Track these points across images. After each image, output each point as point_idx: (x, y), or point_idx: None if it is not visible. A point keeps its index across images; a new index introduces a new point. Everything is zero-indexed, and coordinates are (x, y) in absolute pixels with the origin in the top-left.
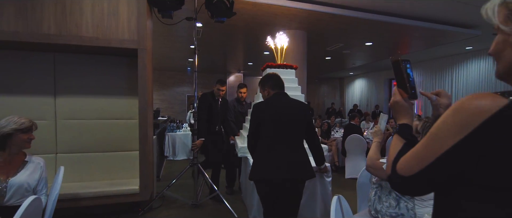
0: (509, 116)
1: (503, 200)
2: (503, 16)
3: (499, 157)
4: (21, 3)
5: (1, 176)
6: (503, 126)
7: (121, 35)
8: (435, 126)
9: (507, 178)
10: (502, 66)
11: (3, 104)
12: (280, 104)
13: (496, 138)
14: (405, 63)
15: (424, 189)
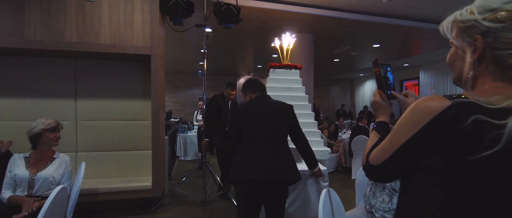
0: (450, 115)
1: (447, 185)
2: (455, 32)
3: (442, 149)
4: (46, 15)
5: (32, 169)
6: (445, 123)
7: (136, 42)
8: (397, 123)
9: (449, 167)
10: (455, 74)
11: (30, 107)
12: (260, 105)
13: (440, 132)
14: (385, 67)
15: (389, 176)
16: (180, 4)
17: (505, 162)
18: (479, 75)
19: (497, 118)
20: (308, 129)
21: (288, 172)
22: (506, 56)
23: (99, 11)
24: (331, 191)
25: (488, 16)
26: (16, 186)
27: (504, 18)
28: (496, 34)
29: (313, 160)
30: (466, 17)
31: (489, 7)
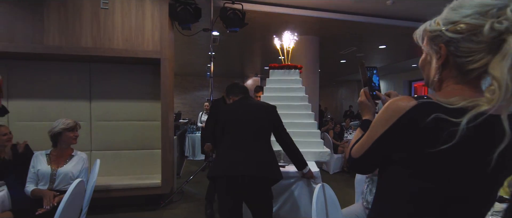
0: (415, 113)
1: (413, 171)
2: (425, 41)
3: (408, 142)
4: (63, 22)
5: (53, 165)
6: (410, 120)
7: (146, 47)
8: (373, 120)
9: (412, 158)
10: (425, 77)
11: (48, 107)
12: (243, 106)
13: (406, 128)
14: (371, 69)
15: (367, 168)
16: (188, 10)
17: (459, 154)
18: (444, 78)
19: (454, 116)
20: (307, 130)
21: (267, 170)
22: (465, 63)
23: (112, 18)
24: (326, 186)
25: (450, 28)
26: (39, 180)
27: (463, 30)
28: (457, 43)
29: (300, 161)
30: (433, 27)
31: (451, 19)
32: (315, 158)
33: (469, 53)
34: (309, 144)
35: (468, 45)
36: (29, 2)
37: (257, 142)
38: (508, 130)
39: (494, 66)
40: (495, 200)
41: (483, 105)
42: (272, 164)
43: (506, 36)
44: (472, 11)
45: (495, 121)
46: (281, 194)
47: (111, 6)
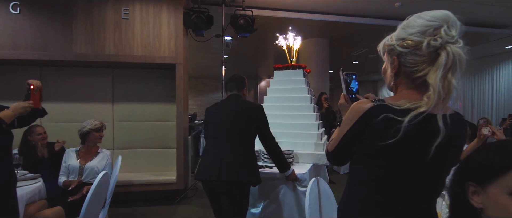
0: (370, 113)
1: (371, 161)
2: (386, 52)
3: (366, 137)
4: (89, 32)
5: (82, 161)
6: (367, 118)
7: (163, 53)
8: (343, 119)
9: (368, 150)
10: (386, 83)
11: (76, 109)
12: (227, 105)
13: (364, 125)
14: (350, 75)
15: (340, 159)
16: (201, 18)
17: (404, 147)
18: (398, 84)
19: (400, 116)
20: (308, 131)
21: (241, 174)
22: (412, 72)
23: (132, 27)
24: (320, 180)
25: (400, 43)
26: (69, 173)
27: (409, 46)
28: (405, 56)
29: (282, 163)
30: (389, 42)
31: (401, 36)
32: (313, 160)
33: (415, 64)
34: (308, 146)
35: (413, 58)
36: (60, 15)
37: (235, 144)
38: (442, 127)
39: (431, 75)
40: (443, 187)
41: (422, 107)
42: (248, 167)
43: (440, 51)
44: (415, 30)
45: (432, 119)
46: (267, 195)
47: (131, 16)
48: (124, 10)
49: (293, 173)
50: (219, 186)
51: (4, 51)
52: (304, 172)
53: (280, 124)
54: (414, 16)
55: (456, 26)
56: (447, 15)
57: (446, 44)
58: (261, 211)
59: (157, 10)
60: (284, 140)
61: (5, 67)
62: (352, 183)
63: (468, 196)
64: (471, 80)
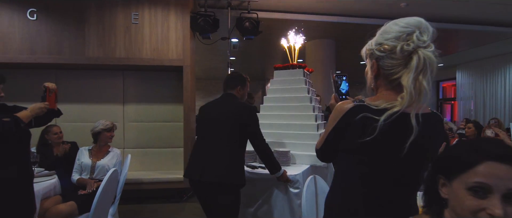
0: (350, 113)
1: (352, 157)
2: (367, 56)
3: (348, 135)
4: (101, 37)
5: (93, 159)
6: (347, 118)
7: (171, 56)
8: (329, 119)
9: (352, 145)
10: (367, 84)
11: (88, 110)
12: (218, 105)
13: (345, 124)
14: (341, 76)
15: (327, 156)
16: (208, 21)
17: (381, 144)
18: (378, 86)
19: (377, 115)
20: (306, 131)
21: (222, 175)
22: (389, 75)
23: (141, 31)
24: (318, 178)
25: (378, 48)
26: (82, 171)
27: (386, 50)
28: (383, 60)
29: (272, 165)
30: (370, 47)
31: (379, 42)
32: (311, 161)
33: (391, 67)
34: (306, 147)
35: (390, 61)
36: (73, 21)
37: (222, 144)
38: (415, 125)
39: (404, 77)
40: (422, 182)
41: (396, 107)
42: (232, 169)
43: (413, 55)
44: (391, 36)
45: (406, 118)
46: (260, 195)
47: (141, 21)
48: (134, 14)
49: (284, 174)
50: (201, 187)
51: (22, 56)
52: (296, 173)
53: (279, 125)
54: (390, 23)
55: (428, 32)
56: (419, 22)
57: (418, 48)
58: (254, 211)
59: (165, 15)
60: (283, 140)
61: (23, 71)
62: (337, 177)
63: (439, 187)
64: (483, 80)
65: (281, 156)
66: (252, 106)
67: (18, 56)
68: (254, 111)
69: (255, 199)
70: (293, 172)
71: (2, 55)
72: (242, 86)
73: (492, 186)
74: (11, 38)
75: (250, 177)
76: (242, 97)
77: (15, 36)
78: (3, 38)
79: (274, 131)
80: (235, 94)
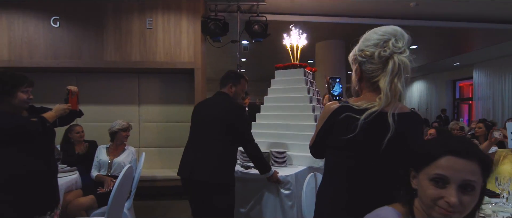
0: (335, 112)
1: (338, 152)
2: (352, 61)
3: (333, 132)
4: (118, 42)
5: (111, 156)
6: (333, 116)
7: (183, 59)
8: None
9: (338, 142)
10: (352, 87)
11: (106, 111)
12: (209, 104)
13: (331, 122)
14: (334, 79)
15: (318, 152)
16: (218, 25)
17: (361, 140)
18: (362, 88)
19: (358, 114)
20: (305, 132)
21: (210, 174)
22: (370, 78)
23: (155, 36)
24: (318, 176)
25: (360, 54)
26: (100, 167)
27: (366, 56)
28: (364, 64)
29: (261, 165)
30: (354, 52)
31: (361, 48)
32: (308, 163)
33: (371, 71)
34: (304, 148)
35: (370, 66)
36: (93, 27)
37: (211, 144)
38: (391, 123)
39: (381, 80)
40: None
41: (375, 106)
42: (221, 169)
43: (389, 60)
44: (370, 43)
45: (384, 117)
46: (253, 195)
47: (154, 26)
48: (148, 20)
49: (274, 175)
50: (191, 185)
51: (47, 60)
52: (288, 174)
53: (278, 125)
54: (370, 31)
55: (403, 39)
56: (395, 30)
57: (394, 54)
58: (247, 212)
59: (177, 20)
60: (281, 141)
61: (47, 74)
62: (326, 171)
63: (410, 179)
64: (501, 79)
65: (277, 157)
66: (240, 106)
67: (43, 61)
68: (242, 112)
69: (247, 199)
70: (286, 173)
71: (29, 60)
72: (234, 83)
73: (449, 177)
74: (37, 45)
75: (242, 177)
76: (235, 95)
77: (40, 42)
78: (29, 44)
79: (272, 131)
80: (227, 93)
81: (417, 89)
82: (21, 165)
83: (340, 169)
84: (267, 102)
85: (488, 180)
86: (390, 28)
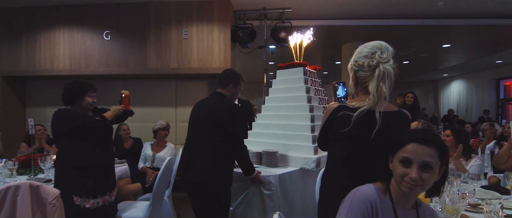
0: (335, 111)
1: (337, 144)
2: (350, 69)
3: (333, 127)
4: (158, 51)
5: (154, 151)
6: (333, 114)
7: (214, 65)
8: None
9: (337, 135)
10: (349, 90)
11: (148, 112)
12: (204, 104)
13: (332, 119)
14: (339, 83)
15: (323, 145)
16: (246, 33)
17: (355, 133)
18: (358, 91)
19: (352, 112)
20: (300, 132)
21: (204, 175)
22: (363, 83)
23: (190, 45)
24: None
25: (354, 64)
26: (145, 160)
27: (359, 65)
28: (358, 72)
29: (245, 166)
30: (351, 63)
31: (355, 59)
32: (300, 164)
33: (364, 78)
34: (298, 149)
35: (362, 73)
36: (137, 39)
37: (205, 144)
38: (378, 119)
39: (370, 85)
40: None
41: (365, 105)
42: (215, 169)
43: (376, 68)
44: (361, 55)
45: (373, 113)
46: (239, 194)
47: (190, 36)
48: (184, 31)
49: (257, 176)
50: (186, 185)
51: (100, 69)
52: (269, 175)
53: (275, 125)
54: (361, 46)
55: (387, 51)
56: (380, 44)
57: (380, 63)
58: (233, 210)
59: (209, 30)
60: (276, 141)
61: (100, 80)
62: (328, 159)
63: (389, 163)
64: None
65: (269, 157)
66: (234, 105)
67: (97, 69)
68: (234, 110)
69: (235, 197)
70: (276, 173)
71: (86, 69)
72: (235, 84)
73: (412, 159)
74: (92, 55)
75: None
76: (234, 96)
77: (95, 53)
78: (86, 55)
79: (270, 131)
80: (224, 93)
81: (456, 89)
82: (93, 156)
83: (339, 157)
84: (268, 102)
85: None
86: (377, 43)
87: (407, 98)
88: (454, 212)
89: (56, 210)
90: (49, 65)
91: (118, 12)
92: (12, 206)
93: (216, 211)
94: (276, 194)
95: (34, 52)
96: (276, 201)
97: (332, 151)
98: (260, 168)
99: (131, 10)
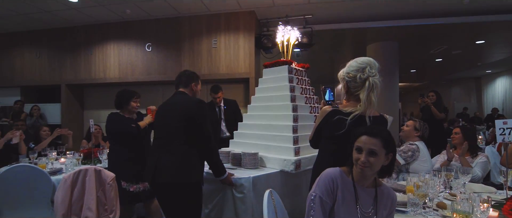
0: (330, 114)
1: (328, 141)
2: (341, 79)
3: (328, 129)
4: (191, 59)
5: None
6: (328, 117)
7: (240, 70)
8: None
9: (330, 134)
10: (342, 96)
11: None
12: (168, 103)
13: (327, 122)
14: (326, 88)
15: (315, 144)
16: (269, 39)
17: (348, 134)
18: (348, 98)
19: (346, 116)
20: (281, 133)
21: (174, 175)
22: (354, 92)
23: (219, 53)
24: (274, 192)
25: (346, 75)
26: None
27: (350, 77)
28: (350, 83)
29: (214, 167)
30: (342, 74)
31: (347, 71)
32: (281, 166)
33: (355, 88)
34: (279, 150)
35: (354, 84)
36: (173, 49)
37: (173, 145)
38: (368, 123)
39: (361, 94)
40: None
41: (357, 111)
42: (183, 167)
43: (366, 80)
44: (353, 69)
45: (363, 118)
46: (214, 196)
47: (218, 45)
48: (214, 41)
49: (227, 177)
50: (154, 188)
51: (142, 76)
52: (241, 177)
53: (258, 125)
54: (352, 61)
55: (375, 66)
56: (369, 60)
57: (369, 77)
58: (208, 212)
59: (236, 38)
60: (257, 142)
61: (143, 87)
62: (320, 153)
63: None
64: None
65: (248, 158)
66: (200, 100)
67: (140, 77)
68: (201, 105)
69: (211, 199)
70: (253, 174)
71: (132, 77)
72: (196, 83)
73: (362, 147)
74: (137, 65)
75: (207, 177)
76: (196, 94)
77: (139, 63)
78: (131, 65)
79: (253, 132)
80: (187, 92)
81: (502, 86)
82: (133, 153)
83: (328, 151)
84: (253, 102)
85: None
86: (366, 59)
87: (428, 97)
88: (424, 198)
89: (112, 189)
90: (102, 74)
91: (157, 27)
92: (83, 184)
93: (188, 211)
94: (249, 197)
95: (90, 63)
96: (248, 204)
97: (323, 146)
98: (239, 170)
99: (168, 24)
